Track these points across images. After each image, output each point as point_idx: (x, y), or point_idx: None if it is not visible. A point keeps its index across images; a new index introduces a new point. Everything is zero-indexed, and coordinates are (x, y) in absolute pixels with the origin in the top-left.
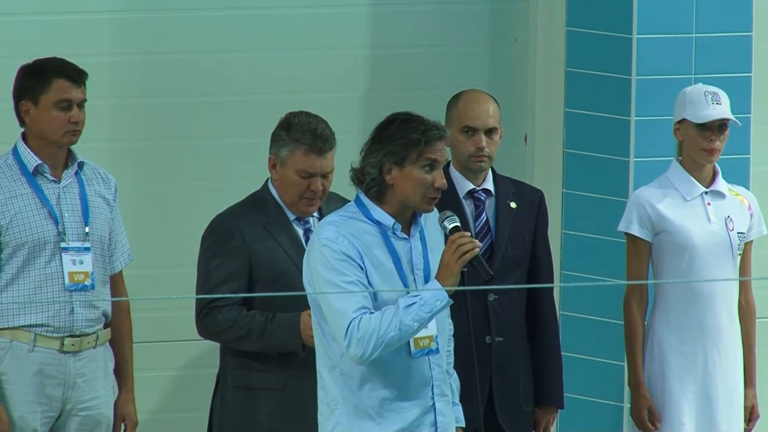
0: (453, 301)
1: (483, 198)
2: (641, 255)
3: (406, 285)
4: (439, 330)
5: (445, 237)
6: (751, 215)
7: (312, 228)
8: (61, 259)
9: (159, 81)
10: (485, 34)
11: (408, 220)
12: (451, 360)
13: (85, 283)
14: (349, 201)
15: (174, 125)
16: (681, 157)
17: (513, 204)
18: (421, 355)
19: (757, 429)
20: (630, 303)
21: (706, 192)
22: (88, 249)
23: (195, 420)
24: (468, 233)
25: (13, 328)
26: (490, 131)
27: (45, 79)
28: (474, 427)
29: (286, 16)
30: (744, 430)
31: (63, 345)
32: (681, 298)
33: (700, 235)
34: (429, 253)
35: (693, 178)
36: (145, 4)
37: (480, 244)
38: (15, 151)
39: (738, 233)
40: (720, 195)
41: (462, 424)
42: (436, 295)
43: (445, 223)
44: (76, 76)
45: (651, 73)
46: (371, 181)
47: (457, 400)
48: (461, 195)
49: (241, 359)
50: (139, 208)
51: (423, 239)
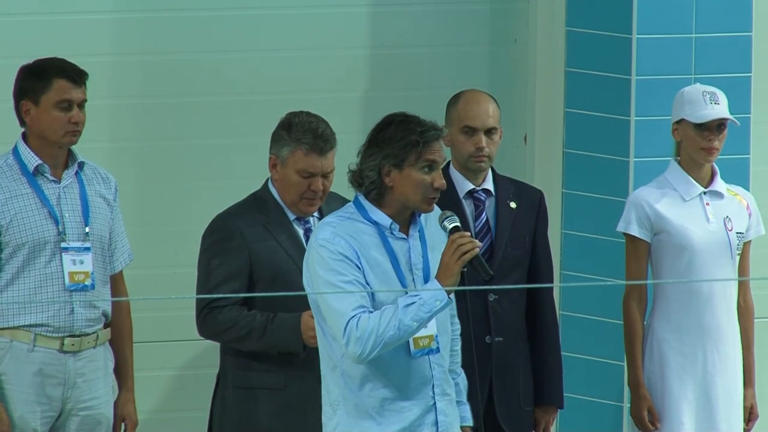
0: (452, 301)
1: (483, 198)
2: (640, 255)
3: (404, 285)
4: (440, 330)
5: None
6: (750, 215)
7: (312, 228)
8: (62, 259)
9: (159, 81)
10: (485, 34)
11: (407, 220)
12: (458, 359)
13: (86, 283)
14: (349, 201)
15: (174, 125)
16: (679, 158)
17: (513, 204)
18: (421, 355)
19: (757, 429)
20: (629, 303)
21: (704, 192)
22: (88, 249)
23: (195, 420)
24: (468, 233)
25: (13, 328)
26: (490, 131)
27: (45, 80)
28: (474, 427)
29: (286, 16)
30: (743, 429)
31: (63, 345)
32: (680, 298)
33: (699, 235)
34: (429, 253)
35: (691, 178)
36: (145, 4)
37: (480, 244)
38: (15, 151)
39: (737, 233)
40: (718, 195)
41: (470, 423)
42: (435, 295)
43: (445, 223)
44: (76, 76)
45: (651, 73)
46: (371, 184)
47: (465, 399)
48: (461, 195)
49: (242, 359)
50: (139, 208)
51: (423, 239)
